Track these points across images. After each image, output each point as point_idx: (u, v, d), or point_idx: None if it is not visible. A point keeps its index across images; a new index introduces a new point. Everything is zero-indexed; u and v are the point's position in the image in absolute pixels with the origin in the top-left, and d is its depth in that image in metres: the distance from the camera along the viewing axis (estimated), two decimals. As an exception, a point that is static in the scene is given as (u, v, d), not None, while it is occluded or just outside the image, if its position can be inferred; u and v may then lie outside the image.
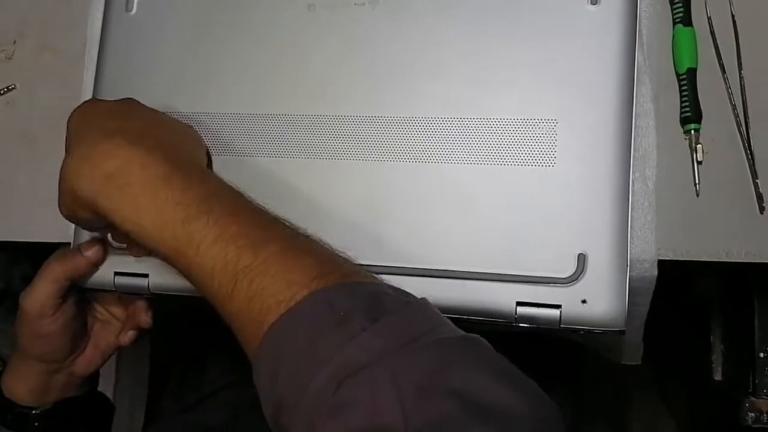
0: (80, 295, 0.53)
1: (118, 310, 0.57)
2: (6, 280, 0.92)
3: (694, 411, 0.96)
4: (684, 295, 0.81)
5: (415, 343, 0.35)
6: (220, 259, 0.39)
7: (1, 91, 0.63)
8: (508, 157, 0.49)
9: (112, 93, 0.56)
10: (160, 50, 0.56)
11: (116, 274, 0.52)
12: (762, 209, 0.48)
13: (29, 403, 0.53)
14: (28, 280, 0.69)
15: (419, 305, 0.38)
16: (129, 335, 0.55)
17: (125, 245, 0.51)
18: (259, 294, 0.38)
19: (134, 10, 0.57)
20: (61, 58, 0.62)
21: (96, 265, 0.51)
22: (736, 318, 0.67)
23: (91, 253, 0.51)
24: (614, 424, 1.12)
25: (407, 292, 0.40)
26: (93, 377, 0.57)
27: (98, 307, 0.57)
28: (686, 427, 1.02)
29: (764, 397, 0.60)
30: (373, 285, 0.40)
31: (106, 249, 0.52)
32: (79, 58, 0.60)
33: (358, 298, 0.37)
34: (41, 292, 0.50)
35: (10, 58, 0.63)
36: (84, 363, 0.55)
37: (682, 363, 0.88)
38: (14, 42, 0.64)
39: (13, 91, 0.63)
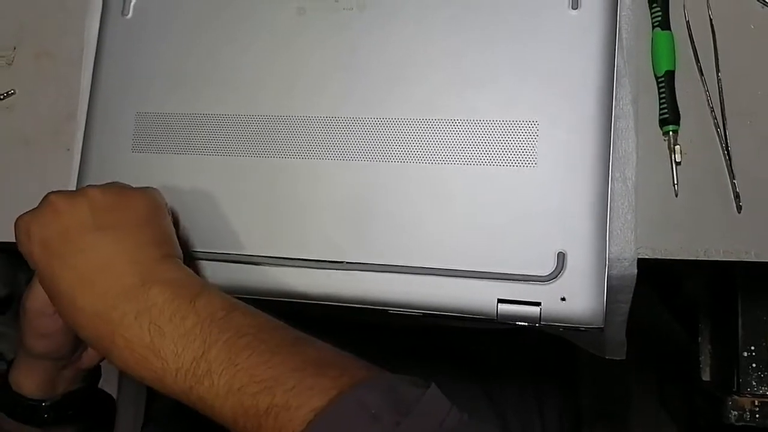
0: None
1: None
2: (12, 286, 0.93)
3: (691, 413, 0.97)
4: (676, 296, 0.82)
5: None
6: (238, 409, 0.39)
7: (1, 96, 0.64)
8: (490, 157, 0.50)
9: (109, 96, 0.57)
10: (155, 53, 0.57)
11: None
12: (739, 208, 0.49)
13: (38, 396, 0.54)
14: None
15: (431, 393, 0.39)
16: None
17: None
18: (288, 419, 0.38)
19: (130, 14, 0.58)
20: (59, 63, 0.63)
21: None
22: (722, 318, 0.68)
23: None
24: (615, 426, 1.12)
25: (415, 379, 0.40)
26: (98, 368, 0.59)
27: None
28: (686, 430, 1.02)
29: (748, 395, 0.61)
30: (389, 378, 0.40)
31: None
32: (76, 62, 0.62)
33: (384, 394, 0.38)
34: (41, 291, 0.51)
35: (10, 64, 0.65)
36: (89, 357, 0.56)
37: (677, 364, 0.89)
38: (14, 48, 0.65)
39: (13, 96, 0.64)
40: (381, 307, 0.50)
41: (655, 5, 0.52)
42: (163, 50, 0.57)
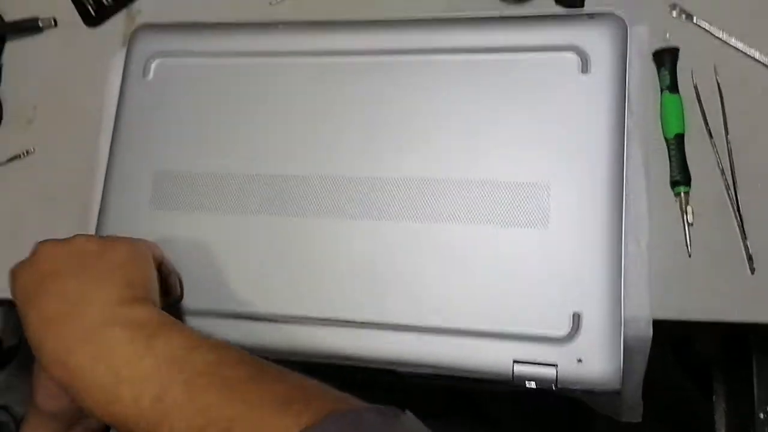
0: None
1: None
2: (19, 336, 0.93)
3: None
4: (689, 355, 0.81)
5: None
6: None
7: (21, 155, 0.65)
8: (504, 218, 0.50)
9: (127, 155, 0.58)
10: (173, 114, 0.59)
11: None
12: (753, 270, 0.50)
13: None
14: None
15: (405, 420, 0.38)
16: None
17: None
18: None
19: (151, 76, 0.60)
20: (79, 122, 0.65)
21: None
22: (737, 377, 0.67)
23: None
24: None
25: (387, 408, 0.39)
26: (107, 428, 0.58)
27: None
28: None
29: (765, 457, 0.60)
30: (357, 408, 0.39)
31: None
32: (95, 121, 0.63)
33: (349, 427, 0.37)
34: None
35: (30, 123, 0.67)
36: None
37: (692, 423, 0.87)
38: (35, 107, 0.67)
39: (32, 154, 0.65)
40: (394, 367, 0.50)
41: (663, 69, 0.54)
42: (182, 111, 0.59)
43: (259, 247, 0.54)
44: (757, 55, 0.54)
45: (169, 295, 0.53)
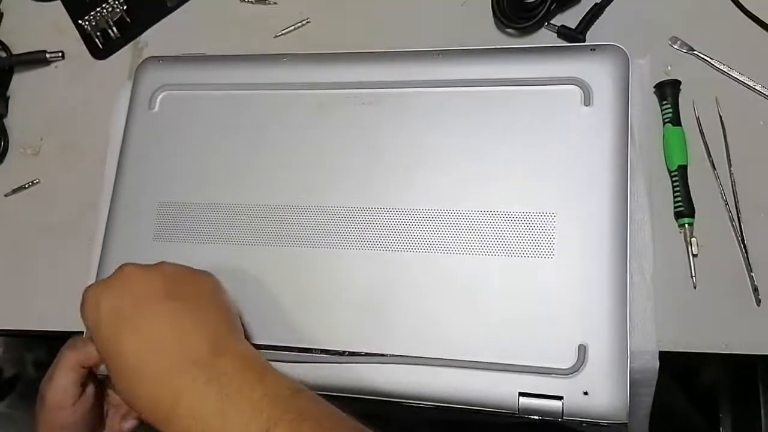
0: (97, 384, 0.54)
1: None
2: (19, 367, 0.93)
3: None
4: (694, 385, 0.81)
5: None
6: None
7: (26, 185, 0.66)
8: (508, 248, 0.50)
9: (132, 186, 0.59)
10: (178, 145, 0.59)
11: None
12: (758, 301, 0.49)
13: None
14: (41, 366, 0.70)
15: None
16: (129, 423, 0.56)
17: None
18: None
19: (156, 108, 0.61)
20: (84, 154, 0.65)
21: None
22: (744, 408, 0.67)
23: None
24: None
25: None
26: None
27: (110, 392, 0.57)
28: None
29: (773, 488, 0.59)
30: None
31: None
32: (101, 153, 0.64)
33: None
34: (61, 382, 0.50)
35: (36, 154, 0.67)
36: None
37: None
38: (41, 138, 0.67)
39: (37, 185, 0.66)
40: (398, 400, 0.49)
41: (665, 102, 0.54)
42: (187, 143, 0.59)
43: (263, 278, 0.54)
44: (758, 87, 0.54)
45: None
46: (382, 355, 0.50)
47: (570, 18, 0.60)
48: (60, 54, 0.69)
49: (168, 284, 0.46)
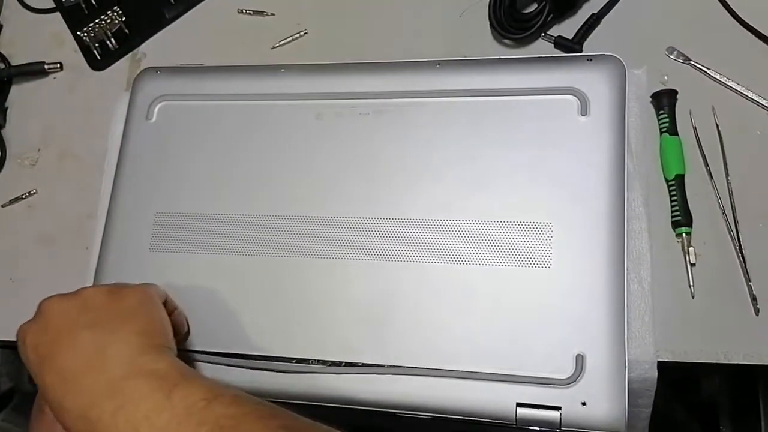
0: None
1: None
2: (15, 380, 0.92)
3: None
4: (695, 397, 0.80)
5: None
6: None
7: (23, 196, 0.66)
8: (506, 258, 0.50)
9: (129, 196, 0.59)
10: (175, 156, 0.59)
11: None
12: (757, 311, 0.49)
13: None
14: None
15: None
16: None
17: None
18: None
19: (154, 119, 0.61)
20: (82, 164, 0.65)
21: None
22: (744, 419, 0.66)
23: None
24: None
25: None
26: None
27: None
28: None
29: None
30: None
31: None
32: (98, 164, 0.64)
33: None
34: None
35: (33, 165, 0.67)
36: None
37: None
38: (38, 149, 0.67)
39: (35, 195, 0.66)
40: (395, 410, 0.49)
41: (662, 112, 0.54)
42: (184, 153, 0.59)
43: (259, 288, 0.54)
44: (755, 96, 0.54)
45: (177, 334, 0.52)
46: (380, 365, 0.50)
47: (567, 28, 0.60)
48: (58, 65, 0.70)
49: (85, 312, 0.45)
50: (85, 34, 0.69)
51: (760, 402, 0.62)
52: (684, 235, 0.51)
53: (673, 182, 0.52)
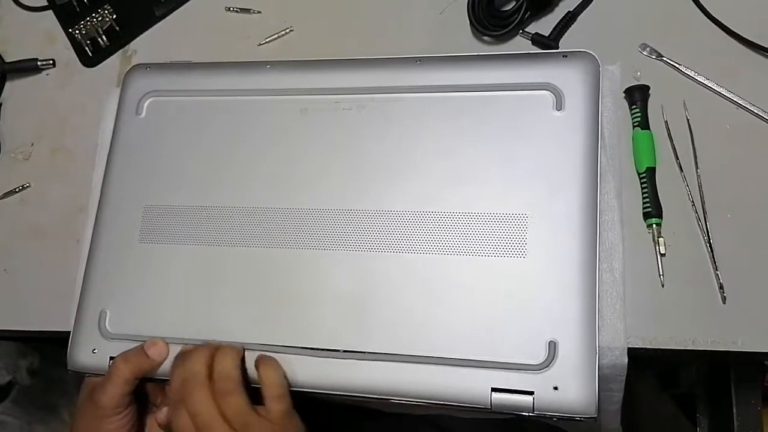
0: (143, 394, 0.55)
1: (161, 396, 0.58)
2: (13, 373, 0.93)
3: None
4: (674, 384, 0.82)
5: None
6: None
7: (17, 189, 0.67)
8: (482, 248, 0.52)
9: (118, 190, 0.60)
10: (164, 150, 0.60)
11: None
12: (724, 299, 0.51)
13: None
14: (35, 373, 0.70)
15: None
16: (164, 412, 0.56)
17: None
18: None
19: (143, 114, 0.62)
20: (74, 159, 0.67)
21: (159, 363, 0.54)
22: (718, 407, 0.68)
23: (155, 352, 0.53)
24: None
25: None
26: None
27: (151, 397, 0.58)
28: None
29: (745, 487, 0.60)
30: None
31: (167, 346, 0.54)
32: (90, 158, 0.65)
33: None
34: (115, 393, 0.52)
35: (26, 159, 0.69)
36: None
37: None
38: (32, 144, 0.69)
39: (27, 189, 0.67)
40: (371, 396, 0.51)
41: (634, 107, 0.56)
42: (173, 147, 0.60)
43: (244, 278, 0.55)
44: (724, 91, 0.56)
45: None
46: (359, 352, 0.51)
47: (544, 26, 0.61)
48: (51, 62, 0.71)
49: None
50: (77, 32, 0.71)
51: (732, 390, 0.64)
52: (654, 226, 0.53)
53: (645, 175, 0.54)
